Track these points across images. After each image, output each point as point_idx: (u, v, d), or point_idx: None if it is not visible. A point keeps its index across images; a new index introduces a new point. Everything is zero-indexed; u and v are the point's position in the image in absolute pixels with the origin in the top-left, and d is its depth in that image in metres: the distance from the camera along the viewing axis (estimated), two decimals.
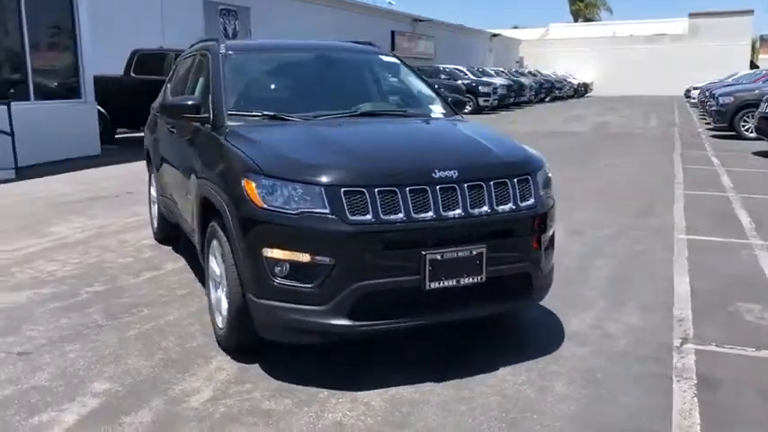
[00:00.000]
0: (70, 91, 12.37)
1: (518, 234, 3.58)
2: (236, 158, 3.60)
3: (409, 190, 3.30)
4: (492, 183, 3.48)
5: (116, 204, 8.11)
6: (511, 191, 3.53)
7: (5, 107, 9.92)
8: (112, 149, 13.12)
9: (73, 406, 3.22)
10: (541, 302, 4.39)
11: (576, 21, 64.15)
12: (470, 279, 3.40)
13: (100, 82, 12.99)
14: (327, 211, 3.23)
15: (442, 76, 27.61)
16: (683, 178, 10.02)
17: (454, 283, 3.37)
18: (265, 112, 4.15)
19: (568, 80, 44.54)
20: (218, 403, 3.26)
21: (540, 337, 4.12)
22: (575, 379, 3.53)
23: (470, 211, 3.40)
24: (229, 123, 4.06)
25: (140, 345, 3.94)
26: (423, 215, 3.31)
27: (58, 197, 8.58)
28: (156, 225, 6.22)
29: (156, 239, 6.25)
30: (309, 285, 3.27)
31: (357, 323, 3.28)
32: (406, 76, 5.03)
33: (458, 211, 3.38)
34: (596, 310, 4.53)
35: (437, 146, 3.94)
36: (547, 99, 38.42)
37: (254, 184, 3.36)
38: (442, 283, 3.34)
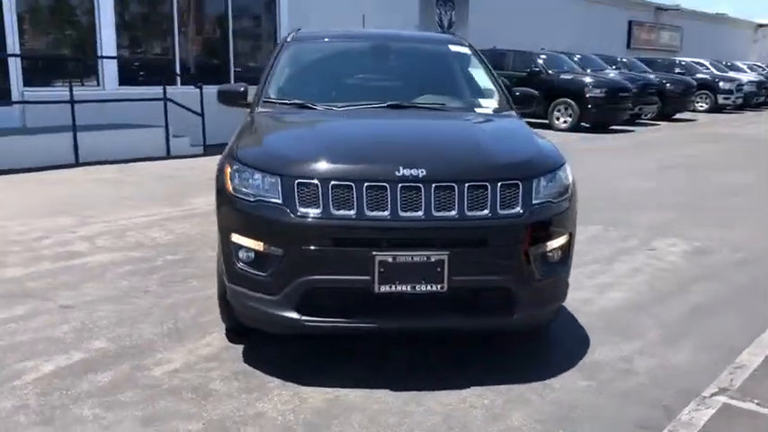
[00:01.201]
0: None
1: (495, 244, 3.24)
2: (231, 144, 3.71)
3: (367, 186, 3.15)
4: (466, 186, 3.19)
5: None
6: (490, 196, 3.21)
7: (198, 90, 11.09)
8: None
9: (60, 358, 3.59)
10: (583, 326, 4.02)
11: None
12: (429, 287, 3.16)
13: None
14: (279, 201, 3.21)
15: (677, 70, 25.28)
16: None
17: (408, 289, 3.16)
18: (295, 100, 4.22)
19: None
20: (175, 376, 3.41)
21: (544, 360, 3.70)
22: (543, 413, 3.13)
23: (434, 214, 3.16)
24: (259, 109, 4.19)
25: (163, 313, 4.24)
26: (377, 214, 3.15)
27: None
28: None
29: None
30: (264, 274, 3.28)
31: (304, 318, 3.23)
32: (472, 67, 4.75)
33: (419, 213, 3.15)
34: (642, 342, 3.95)
35: (426, 143, 3.68)
36: None
37: (228, 170, 3.44)
38: (394, 288, 3.15)
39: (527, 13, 25.11)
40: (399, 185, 3.16)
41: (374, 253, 3.12)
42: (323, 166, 3.23)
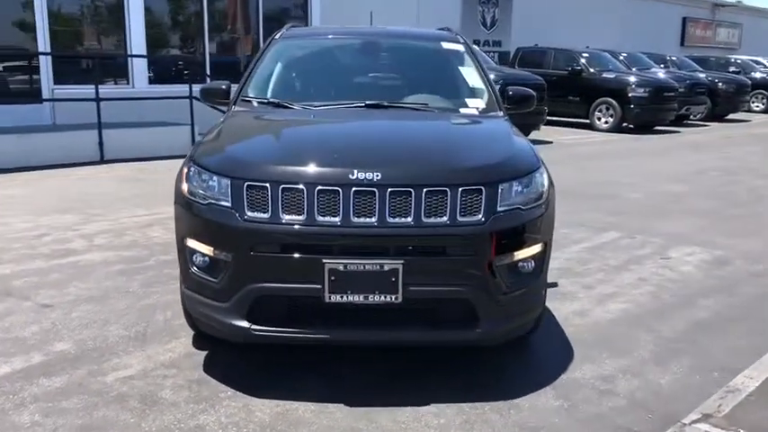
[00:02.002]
0: None
1: (453, 254, 3.03)
2: (194, 145, 3.60)
3: (318, 190, 2.99)
4: (424, 191, 2.99)
5: None
6: (449, 202, 3.00)
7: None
8: None
9: (18, 360, 3.53)
10: (570, 339, 3.79)
11: None
12: (382, 297, 2.98)
13: None
14: (229, 204, 3.07)
15: (731, 69, 24.29)
16: None
17: (361, 299, 2.98)
18: (271, 99, 4.08)
19: None
20: (127, 383, 3.31)
21: (518, 377, 3.47)
22: None
23: (388, 220, 2.97)
24: (234, 108, 4.07)
25: (137, 315, 4.16)
26: (329, 219, 2.98)
27: None
28: None
29: None
30: (214, 281, 3.15)
31: (254, 327, 3.09)
32: (463, 65, 4.51)
33: (372, 219, 2.97)
34: (630, 360, 3.68)
35: (387, 145, 3.48)
36: None
37: (185, 171, 3.33)
38: (345, 297, 2.98)
39: (573, 11, 24.57)
40: (353, 189, 2.98)
41: (324, 260, 2.95)
42: (274, 168, 3.08)
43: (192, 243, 3.24)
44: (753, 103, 23.51)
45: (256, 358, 3.57)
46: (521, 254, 3.18)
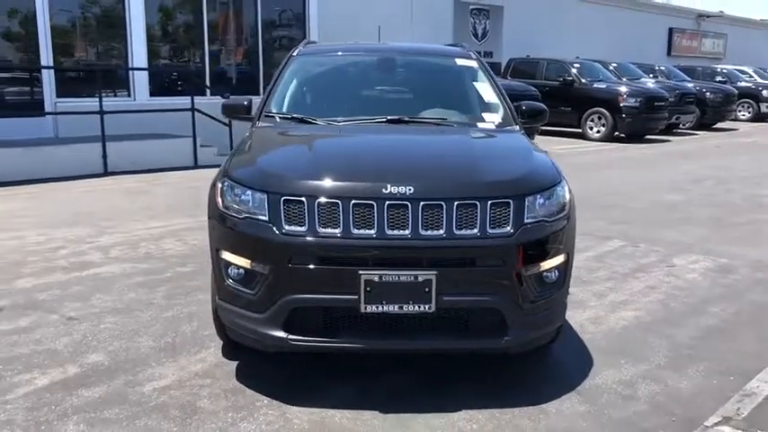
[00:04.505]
0: None
1: (484, 264, 3.15)
2: (226, 160, 3.70)
3: (353, 204, 3.10)
4: (455, 204, 3.11)
5: None
6: (479, 215, 3.12)
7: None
8: None
9: (55, 372, 3.61)
10: (588, 346, 3.91)
11: None
12: (416, 307, 3.09)
13: None
14: (266, 218, 3.18)
15: (718, 78, 24.68)
16: None
17: (396, 309, 3.10)
18: (294, 115, 4.20)
19: None
20: (165, 392, 3.40)
21: (542, 383, 3.58)
22: None
23: (421, 232, 3.09)
24: (259, 124, 4.18)
25: (164, 326, 4.25)
26: (364, 232, 3.09)
27: None
28: None
29: None
30: (251, 292, 3.25)
31: (291, 337, 3.19)
32: (478, 81, 4.65)
33: (406, 232, 3.09)
34: (648, 365, 3.81)
35: (416, 160, 3.60)
36: None
37: (220, 186, 3.43)
38: (380, 308, 3.09)
39: (563, 22, 24.85)
40: (386, 203, 3.10)
41: (360, 272, 3.06)
42: (310, 183, 3.19)
43: (227, 256, 3.34)
44: (739, 111, 23.92)
45: (286, 367, 3.66)
46: (546, 264, 3.31)
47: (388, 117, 4.09)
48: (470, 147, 3.81)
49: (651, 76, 21.21)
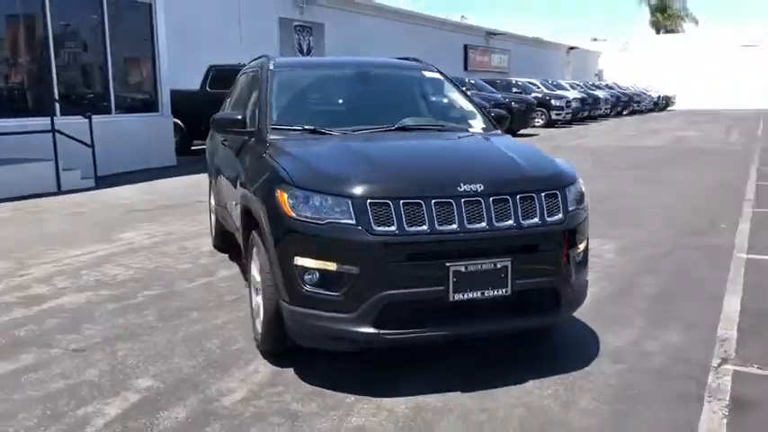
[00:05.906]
0: (148, 105, 13.04)
1: (544, 249, 3.61)
2: (273, 171, 3.77)
3: (434, 202, 3.39)
4: (518, 197, 3.53)
5: (184, 213, 8.51)
6: (537, 206, 3.57)
7: (87, 120, 10.54)
8: (188, 160, 13.71)
9: (116, 400, 3.45)
10: (582, 319, 4.44)
11: (657, 33, 62.01)
12: (495, 292, 3.45)
13: (177, 96, 13.65)
14: (353, 222, 3.35)
15: (514, 90, 27.42)
16: (756, 196, 9.65)
17: (479, 295, 3.43)
18: (306, 127, 4.34)
19: (648, 93, 43.32)
20: (249, 403, 3.42)
21: (574, 352, 4.10)
22: (602, 395, 3.52)
23: (495, 224, 3.46)
24: (271, 137, 4.27)
25: (186, 347, 4.16)
26: (447, 227, 3.40)
27: (132, 205, 9.08)
28: (213, 233, 6.52)
29: (213, 247, 6.55)
30: (337, 294, 3.40)
31: (383, 332, 3.39)
32: (448, 91, 5.13)
33: (482, 224, 3.45)
34: (637, 329, 4.48)
35: (466, 160, 4.01)
36: (624, 113, 37.48)
37: (286, 195, 3.52)
38: (466, 295, 3.41)
39: (375, 39, 26.05)
40: (462, 200, 3.43)
41: (448, 264, 3.36)
42: (392, 186, 3.43)
43: (303, 261, 3.45)
44: (534, 119, 26.77)
45: (345, 367, 3.82)
46: (580, 247, 3.84)
47: (396, 125, 4.40)
48: (496, 148, 4.23)
49: (465, 88, 23.04)
